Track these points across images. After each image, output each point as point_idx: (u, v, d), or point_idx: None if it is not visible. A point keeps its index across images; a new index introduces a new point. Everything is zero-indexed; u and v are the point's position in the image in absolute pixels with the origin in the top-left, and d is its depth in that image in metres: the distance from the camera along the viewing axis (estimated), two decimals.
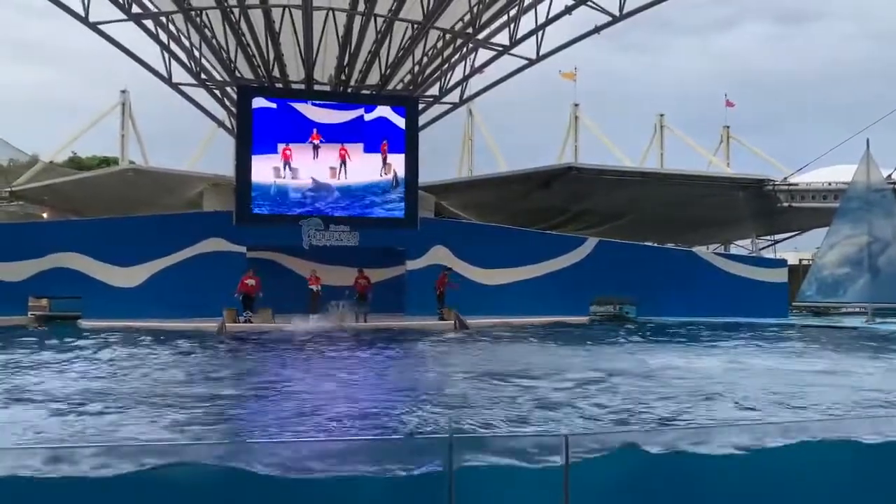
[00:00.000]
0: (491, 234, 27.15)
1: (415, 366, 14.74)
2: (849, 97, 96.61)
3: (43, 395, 9.56)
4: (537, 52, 28.01)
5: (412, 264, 25.75)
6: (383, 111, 25.63)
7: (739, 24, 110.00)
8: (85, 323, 21.50)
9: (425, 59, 27.86)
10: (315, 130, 24.79)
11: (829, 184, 33.17)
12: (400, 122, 25.61)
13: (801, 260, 38.15)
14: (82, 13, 24.94)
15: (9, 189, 33.30)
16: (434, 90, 29.69)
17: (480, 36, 27.84)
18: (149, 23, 26.11)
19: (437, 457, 4.06)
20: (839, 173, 32.09)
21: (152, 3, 26.75)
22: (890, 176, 29.67)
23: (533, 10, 27.16)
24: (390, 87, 27.89)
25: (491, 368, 13.02)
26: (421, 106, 28.08)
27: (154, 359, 14.16)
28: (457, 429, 7.23)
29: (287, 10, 24.53)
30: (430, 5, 24.56)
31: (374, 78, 27.43)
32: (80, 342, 16.69)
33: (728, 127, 48.67)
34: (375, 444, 5.35)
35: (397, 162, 25.49)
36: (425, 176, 27.26)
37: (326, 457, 4.26)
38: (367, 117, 25.38)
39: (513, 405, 9.18)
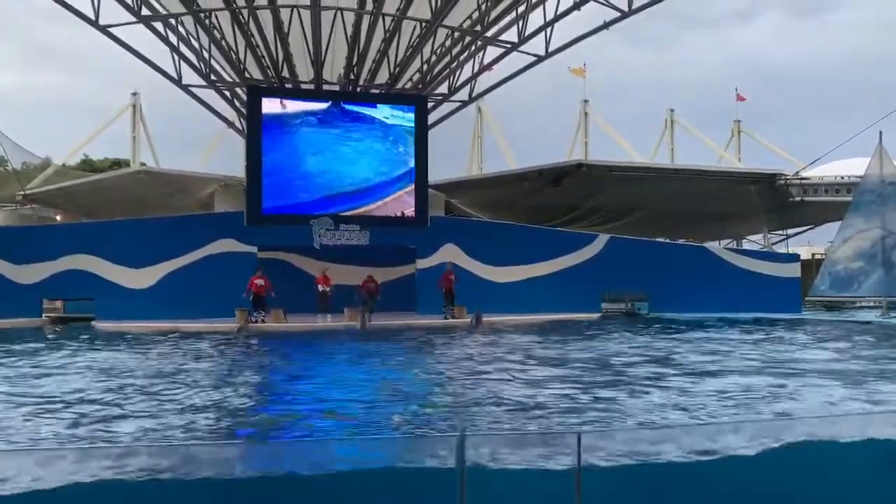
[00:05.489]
0: (501, 232, 27.11)
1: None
2: (862, 89, 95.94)
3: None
4: (546, 49, 27.94)
5: (423, 263, 25.76)
6: (393, 110, 25.62)
7: (755, 15, 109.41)
8: (99, 325, 21.63)
9: (434, 58, 27.88)
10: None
11: (842, 177, 32.97)
12: (409, 120, 25.60)
13: (813, 254, 37.92)
14: (92, 16, 25.08)
15: (22, 192, 33.52)
16: (443, 88, 29.70)
17: (489, 33, 27.81)
18: (158, 25, 26.25)
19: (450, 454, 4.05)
20: (852, 167, 31.85)
21: (161, 5, 26.89)
22: None
23: (542, 7, 27.10)
24: (399, 85, 27.91)
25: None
26: (430, 104, 28.09)
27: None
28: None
29: (296, 10, 24.59)
30: (438, 3, 24.55)
31: (382, 77, 27.46)
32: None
33: (739, 121, 48.49)
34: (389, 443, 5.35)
35: (407, 160, 25.48)
36: (435, 174, 27.27)
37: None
38: (377, 116, 25.37)
39: None
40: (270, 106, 24.46)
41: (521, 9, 27.18)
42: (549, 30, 27.39)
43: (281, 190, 24.48)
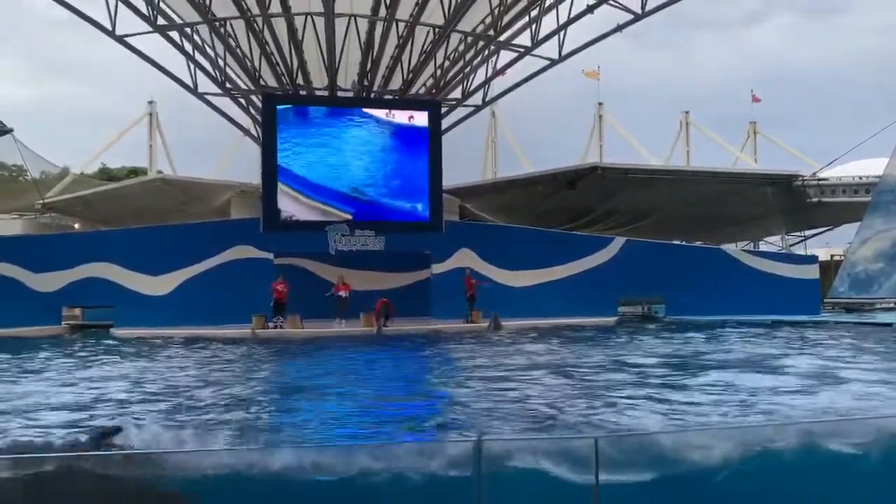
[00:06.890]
0: (516, 236, 27.08)
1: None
2: (879, 89, 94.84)
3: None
4: (559, 53, 27.89)
5: (438, 268, 25.78)
6: (406, 115, 25.71)
7: (767, 17, 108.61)
8: (118, 332, 21.81)
9: (447, 63, 27.90)
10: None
11: (860, 178, 32.60)
12: (423, 125, 25.65)
13: (832, 256, 37.61)
14: (109, 26, 25.32)
15: (41, 201, 33.86)
16: (457, 93, 29.70)
17: (502, 38, 27.80)
18: (174, 34, 26.47)
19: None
20: (870, 167, 31.52)
21: (177, 14, 27.12)
22: None
23: (554, 11, 27.07)
24: (413, 91, 27.97)
25: None
26: (444, 109, 28.12)
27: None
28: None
29: (309, 17, 24.73)
30: (451, 9, 24.59)
31: (396, 82, 27.53)
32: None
33: (755, 122, 48.07)
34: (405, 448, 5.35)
35: (421, 164, 25.55)
36: (449, 179, 27.29)
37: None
38: (391, 121, 25.47)
39: None
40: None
41: (534, 13, 27.17)
42: (562, 33, 27.35)
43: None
